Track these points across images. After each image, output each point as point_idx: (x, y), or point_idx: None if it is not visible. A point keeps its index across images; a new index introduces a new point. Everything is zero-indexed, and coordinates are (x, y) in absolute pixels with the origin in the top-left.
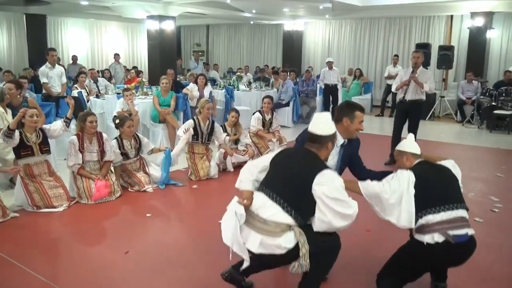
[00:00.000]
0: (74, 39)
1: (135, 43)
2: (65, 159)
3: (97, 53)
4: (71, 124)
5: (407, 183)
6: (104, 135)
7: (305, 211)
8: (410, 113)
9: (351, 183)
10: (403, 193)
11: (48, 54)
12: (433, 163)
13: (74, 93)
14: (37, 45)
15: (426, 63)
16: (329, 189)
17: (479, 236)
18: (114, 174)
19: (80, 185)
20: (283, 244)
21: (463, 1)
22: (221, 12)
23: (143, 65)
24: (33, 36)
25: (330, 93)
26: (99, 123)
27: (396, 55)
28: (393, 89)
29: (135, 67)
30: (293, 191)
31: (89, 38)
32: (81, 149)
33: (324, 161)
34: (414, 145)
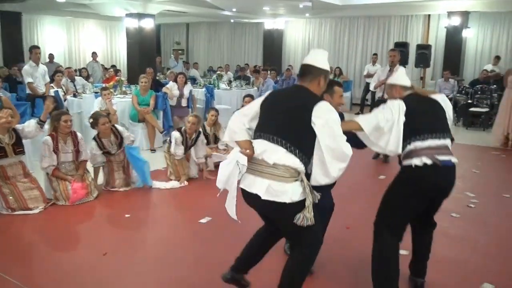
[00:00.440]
0: (50, 37)
1: (113, 42)
2: None
3: (75, 52)
4: (45, 124)
5: (398, 111)
6: (79, 135)
7: (307, 150)
8: None
9: (349, 123)
10: (395, 121)
11: (31, 52)
12: (423, 95)
13: (51, 92)
14: (12, 43)
15: (404, 62)
16: (328, 121)
17: (456, 231)
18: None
19: (56, 187)
20: (290, 194)
21: (440, 0)
22: (201, 10)
23: (122, 64)
24: (8, 34)
25: None
26: (76, 123)
27: (375, 54)
28: (371, 87)
29: (113, 66)
30: (292, 129)
31: (66, 36)
32: (55, 150)
33: None
34: (405, 78)
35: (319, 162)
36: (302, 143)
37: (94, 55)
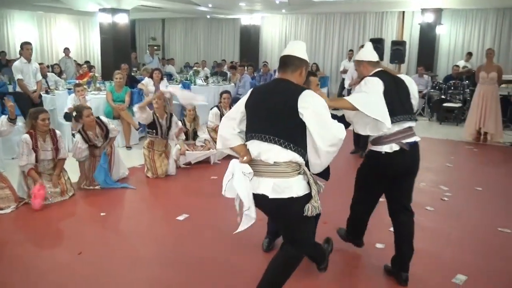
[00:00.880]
0: (21, 33)
1: (87, 37)
2: (13, 158)
3: (46, 47)
4: (17, 121)
5: (377, 86)
6: (58, 132)
7: (301, 142)
8: None
9: (339, 101)
10: (379, 94)
11: (22, 48)
12: (393, 74)
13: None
14: None
15: (379, 58)
16: (315, 109)
17: (430, 224)
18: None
19: (30, 184)
20: (296, 188)
21: None
22: (176, 6)
23: (96, 60)
24: None
25: None
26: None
27: (351, 50)
28: (346, 85)
29: (87, 62)
30: (282, 124)
31: (38, 31)
32: (35, 148)
33: None
34: (372, 53)
35: (313, 149)
36: (295, 136)
37: (67, 51)
